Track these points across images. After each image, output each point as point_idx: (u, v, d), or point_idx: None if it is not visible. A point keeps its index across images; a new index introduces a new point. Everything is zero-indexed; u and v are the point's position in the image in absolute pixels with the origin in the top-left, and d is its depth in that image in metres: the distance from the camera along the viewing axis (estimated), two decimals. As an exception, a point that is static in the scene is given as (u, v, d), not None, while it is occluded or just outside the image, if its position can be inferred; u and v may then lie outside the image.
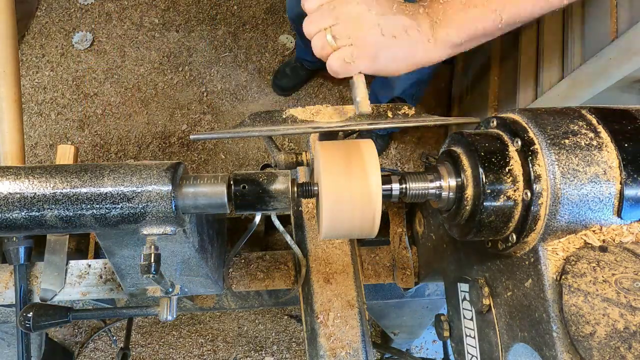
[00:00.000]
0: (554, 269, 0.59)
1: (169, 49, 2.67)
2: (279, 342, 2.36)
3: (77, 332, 2.33)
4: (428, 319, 1.62)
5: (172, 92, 2.60)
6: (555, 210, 0.57)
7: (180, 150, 2.53)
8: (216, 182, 0.68)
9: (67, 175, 0.65)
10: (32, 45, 2.65)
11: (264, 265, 1.13)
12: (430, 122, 0.82)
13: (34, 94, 2.58)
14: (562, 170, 0.57)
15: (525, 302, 0.64)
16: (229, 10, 2.77)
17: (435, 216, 0.99)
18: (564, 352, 0.57)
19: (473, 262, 0.79)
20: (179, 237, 0.77)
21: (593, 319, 0.52)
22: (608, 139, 0.59)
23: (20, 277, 1.06)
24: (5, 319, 1.18)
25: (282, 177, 0.70)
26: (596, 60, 1.33)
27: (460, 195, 0.65)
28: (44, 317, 0.93)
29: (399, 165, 2.68)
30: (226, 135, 0.82)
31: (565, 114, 0.63)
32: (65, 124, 2.55)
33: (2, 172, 0.65)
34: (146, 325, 2.35)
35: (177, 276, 0.93)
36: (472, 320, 0.81)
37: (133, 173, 0.66)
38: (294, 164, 0.93)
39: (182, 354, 2.32)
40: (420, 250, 1.12)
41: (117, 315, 1.09)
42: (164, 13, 2.74)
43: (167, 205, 0.65)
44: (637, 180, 0.57)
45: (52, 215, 0.64)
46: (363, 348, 0.96)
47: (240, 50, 2.71)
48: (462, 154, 0.66)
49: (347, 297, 1.01)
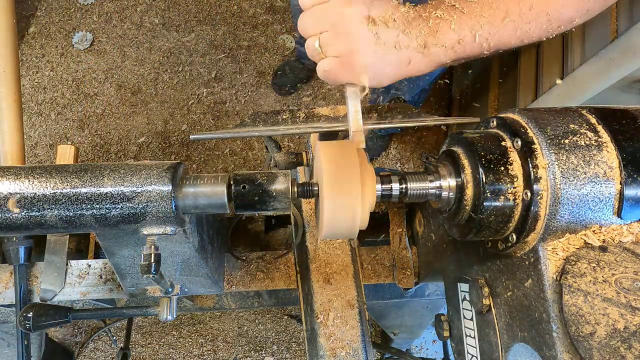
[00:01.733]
0: (554, 269, 0.59)
1: (169, 49, 2.67)
2: (279, 342, 2.37)
3: (77, 332, 2.33)
4: (428, 319, 1.62)
5: (172, 92, 2.60)
6: (555, 210, 0.57)
7: (180, 150, 2.53)
8: (216, 182, 0.68)
9: (67, 175, 0.65)
10: (32, 45, 2.65)
11: (263, 265, 1.13)
12: (430, 122, 0.82)
13: (34, 94, 2.58)
14: (562, 170, 0.57)
15: (525, 302, 0.64)
16: (229, 10, 2.78)
17: (435, 216, 0.99)
18: (564, 352, 0.57)
19: (473, 262, 0.79)
20: (179, 237, 0.77)
21: (593, 319, 0.52)
22: (608, 139, 0.59)
23: (20, 277, 1.06)
24: (5, 319, 1.18)
25: (282, 177, 0.70)
26: (596, 60, 1.33)
27: (460, 195, 0.65)
28: (44, 317, 0.93)
29: (399, 165, 2.68)
30: (226, 136, 0.82)
31: (565, 114, 0.63)
32: (65, 124, 2.55)
33: (2, 172, 0.65)
34: (146, 325, 2.35)
35: (177, 276, 0.93)
36: (472, 320, 0.81)
37: (133, 173, 0.66)
38: (294, 164, 0.93)
39: (182, 354, 2.32)
40: (420, 250, 1.12)
41: (117, 315, 1.09)
42: (164, 13, 2.74)
43: (167, 205, 0.65)
44: (637, 180, 0.57)
45: (52, 215, 0.64)
46: (363, 348, 0.96)
47: (240, 50, 2.71)
48: (462, 154, 0.66)
49: (347, 297, 1.01)
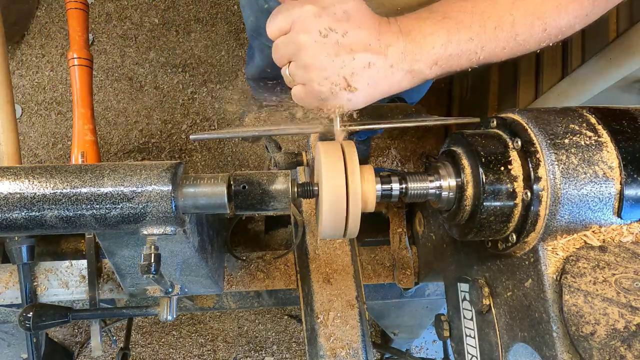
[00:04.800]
0: (554, 269, 0.59)
1: (169, 49, 2.67)
2: (279, 342, 2.36)
3: (77, 332, 2.33)
4: (428, 319, 1.62)
5: (172, 92, 2.60)
6: (555, 210, 0.57)
7: (180, 150, 2.53)
8: (216, 182, 0.68)
9: (67, 175, 0.65)
10: (32, 45, 2.65)
11: (263, 265, 1.13)
12: (430, 122, 0.82)
13: (34, 94, 2.58)
14: (562, 170, 0.57)
15: (525, 302, 0.64)
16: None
17: (435, 216, 0.99)
18: (564, 352, 0.57)
19: (473, 262, 0.79)
20: (179, 237, 0.77)
21: (593, 319, 0.52)
22: (608, 139, 0.59)
23: (25, 276, 1.06)
24: (5, 319, 1.18)
25: (282, 177, 0.70)
26: (596, 60, 1.33)
27: (460, 195, 0.65)
28: (44, 317, 0.93)
29: (399, 165, 2.68)
30: (226, 136, 0.83)
31: (565, 113, 0.63)
32: (66, 124, 2.55)
33: (2, 172, 0.65)
34: (146, 325, 2.35)
35: (177, 276, 0.93)
36: (472, 320, 0.81)
37: (133, 173, 0.66)
38: (294, 164, 0.93)
39: (182, 354, 2.32)
40: (420, 250, 1.12)
41: (117, 315, 1.09)
42: (164, 13, 2.73)
43: (167, 205, 0.65)
44: (637, 180, 0.57)
45: (52, 215, 0.64)
46: (363, 348, 0.96)
47: (240, 49, 2.71)
48: (462, 154, 0.66)
49: (347, 297, 1.01)
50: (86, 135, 1.21)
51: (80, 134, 1.22)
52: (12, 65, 2.44)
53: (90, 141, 1.21)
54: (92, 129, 1.23)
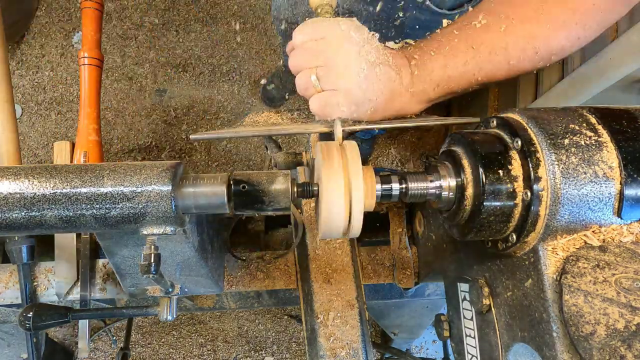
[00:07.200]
0: (554, 269, 0.59)
1: (169, 48, 2.67)
2: (279, 342, 2.36)
3: (77, 332, 2.32)
4: (428, 319, 1.62)
5: (172, 92, 2.60)
6: (555, 210, 0.57)
7: (180, 150, 2.53)
8: (216, 182, 0.68)
9: (67, 175, 0.65)
10: (32, 45, 2.65)
11: (263, 265, 1.13)
12: (430, 122, 0.82)
13: (34, 94, 2.58)
14: (562, 170, 0.57)
15: (525, 302, 0.64)
16: (229, 10, 2.77)
17: (435, 216, 0.99)
18: (564, 352, 0.57)
19: (473, 262, 0.79)
20: (179, 237, 0.77)
21: (593, 318, 0.52)
22: (608, 139, 0.59)
23: (25, 276, 1.06)
24: (5, 319, 1.18)
25: (282, 177, 0.69)
26: (596, 60, 1.33)
27: (460, 195, 0.65)
28: (44, 317, 0.93)
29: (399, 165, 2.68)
30: (226, 135, 0.83)
31: (565, 113, 0.63)
32: (66, 123, 2.55)
33: (1, 172, 0.65)
34: (146, 325, 2.35)
35: (177, 276, 0.93)
36: (472, 320, 0.81)
37: (133, 173, 0.66)
38: (294, 164, 0.93)
39: (182, 354, 2.32)
40: (420, 250, 1.12)
41: (117, 315, 1.09)
42: (164, 13, 2.73)
43: (167, 205, 0.65)
44: (637, 180, 0.57)
45: (52, 215, 0.64)
46: (363, 348, 0.96)
47: (240, 48, 2.71)
48: (462, 154, 0.66)
49: (347, 297, 1.01)
50: (90, 135, 1.20)
51: (84, 134, 1.21)
52: (12, 65, 2.43)
53: (93, 141, 1.21)
54: (96, 129, 1.22)
